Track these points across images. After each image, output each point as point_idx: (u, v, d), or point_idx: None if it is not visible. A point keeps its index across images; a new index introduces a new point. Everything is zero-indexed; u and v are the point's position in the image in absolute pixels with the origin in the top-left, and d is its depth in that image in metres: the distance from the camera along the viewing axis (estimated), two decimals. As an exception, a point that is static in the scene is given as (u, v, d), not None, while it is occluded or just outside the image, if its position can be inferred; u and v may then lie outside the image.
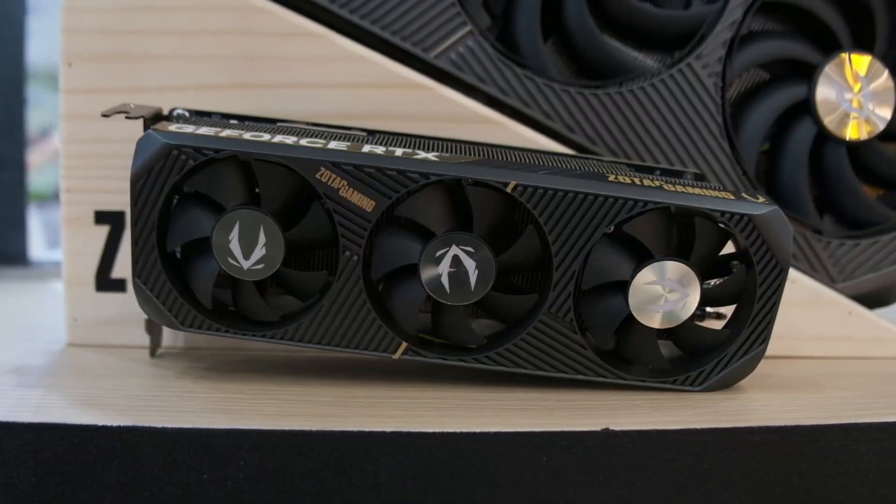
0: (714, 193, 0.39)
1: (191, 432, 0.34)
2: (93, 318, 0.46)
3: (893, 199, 0.50)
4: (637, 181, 0.39)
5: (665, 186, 0.39)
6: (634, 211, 0.37)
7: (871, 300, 0.49)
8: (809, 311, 0.47)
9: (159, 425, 0.34)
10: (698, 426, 0.35)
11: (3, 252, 0.70)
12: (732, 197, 0.39)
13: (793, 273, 0.47)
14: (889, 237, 0.48)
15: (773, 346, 0.46)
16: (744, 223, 0.38)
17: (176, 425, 0.34)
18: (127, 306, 0.45)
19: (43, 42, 0.83)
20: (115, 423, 0.34)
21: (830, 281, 0.48)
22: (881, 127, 0.47)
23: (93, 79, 0.45)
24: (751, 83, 0.49)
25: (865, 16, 0.48)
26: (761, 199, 0.39)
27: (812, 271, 0.48)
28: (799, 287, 0.47)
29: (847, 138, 0.47)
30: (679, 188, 0.39)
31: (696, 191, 0.39)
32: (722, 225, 0.38)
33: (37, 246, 0.94)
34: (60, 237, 0.47)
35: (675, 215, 0.39)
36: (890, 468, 0.36)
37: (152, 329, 0.44)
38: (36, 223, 1.01)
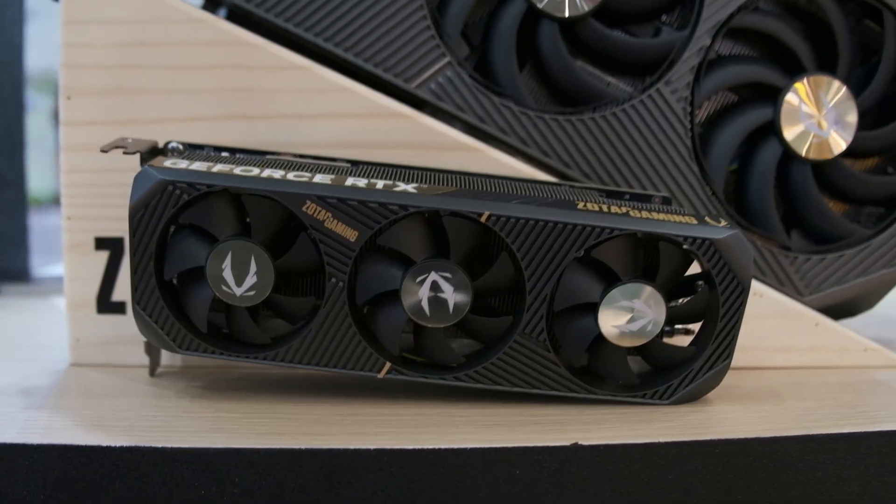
0: (678, 218, 0.42)
1: (189, 451, 0.37)
2: (94, 338, 0.50)
3: (858, 214, 0.53)
4: (605, 208, 0.42)
5: (631, 213, 0.42)
6: (602, 237, 0.41)
7: (838, 312, 0.52)
8: (777, 323, 0.50)
9: (160, 445, 0.37)
10: (663, 440, 0.39)
11: (5, 269, 0.73)
12: (695, 221, 0.42)
13: (760, 287, 0.50)
14: (854, 251, 0.51)
15: (743, 357, 0.49)
16: (706, 247, 0.41)
17: (175, 445, 0.37)
18: (127, 327, 0.48)
19: (38, 47, 0.86)
20: (118, 444, 0.37)
21: (797, 294, 0.51)
22: (844, 145, 0.50)
23: (91, 112, 0.48)
24: (720, 105, 0.52)
25: (829, 38, 0.51)
26: (723, 223, 0.42)
27: (779, 285, 0.51)
28: (767, 301, 0.50)
29: (811, 157, 0.50)
30: (645, 214, 0.42)
31: (661, 216, 0.42)
32: (686, 247, 0.42)
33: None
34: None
35: (642, 239, 0.42)
36: (846, 476, 0.40)
37: (151, 350, 0.47)
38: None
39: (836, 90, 0.50)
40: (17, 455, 0.37)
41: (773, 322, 0.50)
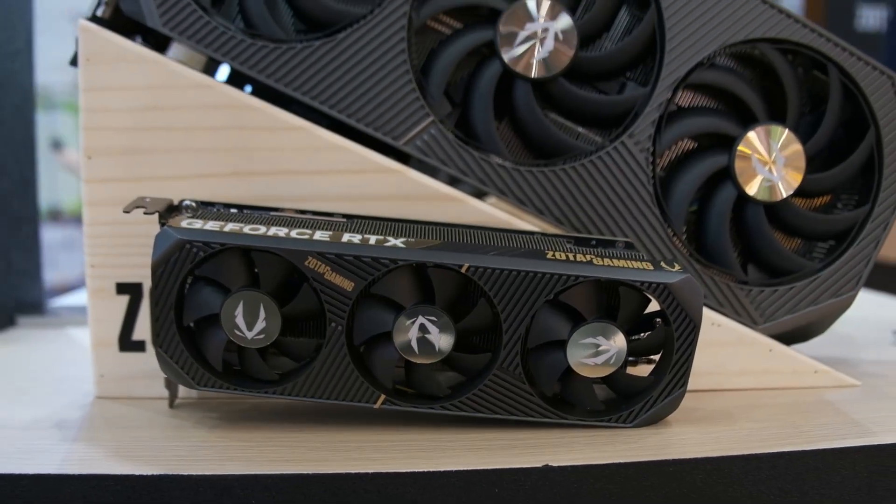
0: (636, 264, 0.50)
1: (211, 478, 0.45)
2: (117, 374, 0.57)
3: (812, 248, 0.61)
4: (571, 257, 0.50)
5: (595, 261, 0.50)
6: (568, 283, 0.49)
7: (791, 338, 0.60)
8: (734, 349, 0.58)
9: (185, 473, 0.45)
10: (623, 460, 0.46)
11: (21, 302, 0.81)
12: (651, 267, 0.50)
13: (719, 317, 0.58)
14: (804, 283, 0.59)
15: (703, 381, 0.58)
16: (660, 290, 0.49)
17: (198, 473, 0.45)
18: (147, 363, 0.56)
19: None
20: (149, 473, 0.45)
21: (753, 323, 0.59)
22: (792, 188, 0.58)
23: (109, 170, 0.56)
24: (681, 151, 0.60)
25: (779, 90, 0.59)
26: (676, 268, 0.50)
27: (736, 315, 0.59)
28: (724, 329, 0.58)
29: (764, 199, 0.58)
30: (607, 261, 0.50)
31: (621, 262, 0.50)
32: (642, 291, 0.50)
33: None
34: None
35: (604, 284, 0.50)
36: (787, 489, 0.47)
37: (171, 385, 0.55)
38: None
39: (786, 138, 0.58)
40: (60, 485, 0.45)
41: (730, 349, 0.58)
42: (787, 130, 0.58)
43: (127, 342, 0.57)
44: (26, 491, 0.44)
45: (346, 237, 0.49)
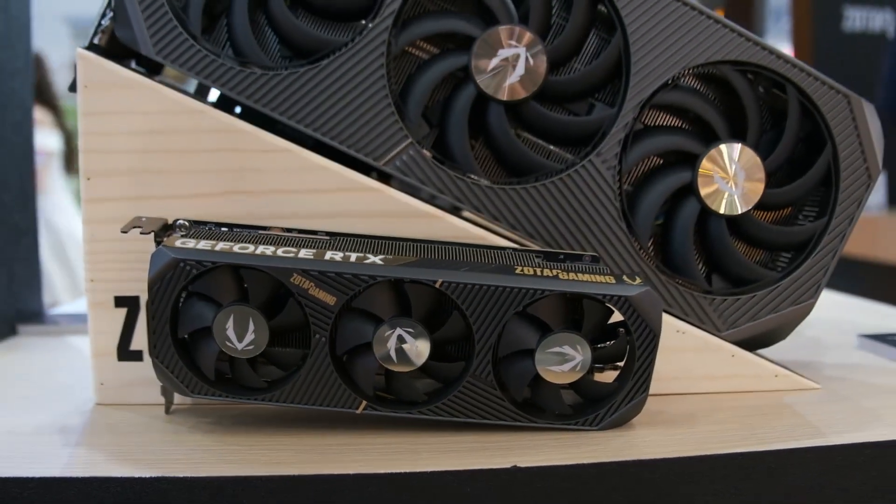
0: (599, 278, 0.55)
1: (206, 479, 0.50)
2: (116, 382, 0.62)
3: (776, 258, 0.66)
4: (539, 272, 0.55)
5: (561, 275, 0.55)
6: (536, 297, 0.54)
7: (753, 344, 0.65)
8: (698, 355, 0.63)
9: (182, 475, 0.50)
10: (588, 461, 0.51)
11: (21, 311, 0.86)
12: (613, 280, 0.55)
13: (683, 325, 0.63)
14: (765, 292, 0.64)
15: (668, 385, 0.63)
16: (622, 302, 0.54)
17: (194, 474, 0.50)
18: (144, 372, 0.61)
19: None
20: (147, 475, 0.50)
21: (716, 330, 0.64)
22: (753, 201, 0.63)
23: (108, 190, 0.61)
24: (647, 167, 0.65)
25: (740, 109, 0.64)
26: (637, 281, 0.55)
27: (700, 323, 0.64)
28: (689, 336, 0.63)
29: (726, 213, 0.63)
30: (572, 276, 0.55)
31: (586, 277, 0.55)
32: (605, 303, 0.55)
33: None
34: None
35: (569, 297, 0.55)
36: (742, 488, 0.52)
37: (166, 392, 0.60)
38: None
39: (746, 154, 0.63)
40: (65, 487, 0.50)
41: (694, 355, 0.63)
42: (747, 148, 0.63)
43: (125, 352, 0.62)
44: (34, 493, 0.49)
45: (328, 255, 0.54)
